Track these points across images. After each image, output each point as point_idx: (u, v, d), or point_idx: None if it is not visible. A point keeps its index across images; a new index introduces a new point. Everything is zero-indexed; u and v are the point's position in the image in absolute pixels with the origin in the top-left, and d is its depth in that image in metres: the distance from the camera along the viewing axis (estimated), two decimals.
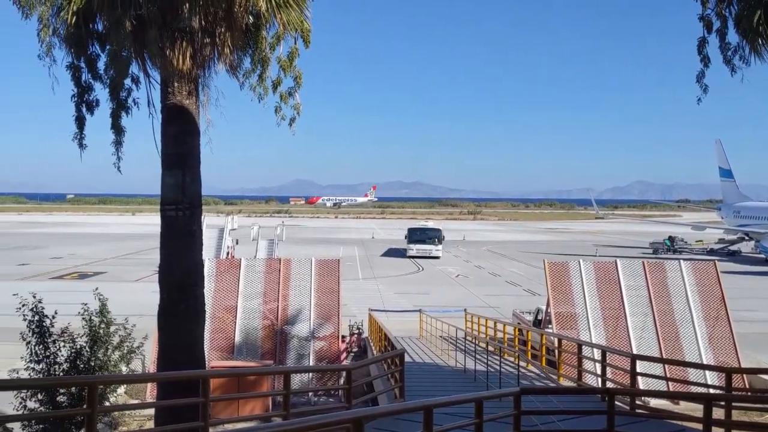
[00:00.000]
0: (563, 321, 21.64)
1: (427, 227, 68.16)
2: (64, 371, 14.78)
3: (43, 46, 11.01)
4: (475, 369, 17.26)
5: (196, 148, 11.83)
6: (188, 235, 11.79)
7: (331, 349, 22.56)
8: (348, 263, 48.54)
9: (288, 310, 22.80)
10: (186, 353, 11.68)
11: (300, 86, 12.39)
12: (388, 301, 36.49)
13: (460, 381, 17.34)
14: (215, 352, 21.24)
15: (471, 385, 16.36)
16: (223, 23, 11.04)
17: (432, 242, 62.90)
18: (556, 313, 21.71)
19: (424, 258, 60.34)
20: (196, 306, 11.92)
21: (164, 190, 11.69)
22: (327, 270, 23.79)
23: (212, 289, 21.89)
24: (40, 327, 14.70)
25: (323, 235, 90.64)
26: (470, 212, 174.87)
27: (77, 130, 12.14)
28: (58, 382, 14.08)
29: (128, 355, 16.38)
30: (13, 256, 57.91)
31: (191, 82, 11.55)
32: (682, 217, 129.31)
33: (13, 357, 18.69)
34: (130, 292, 35.36)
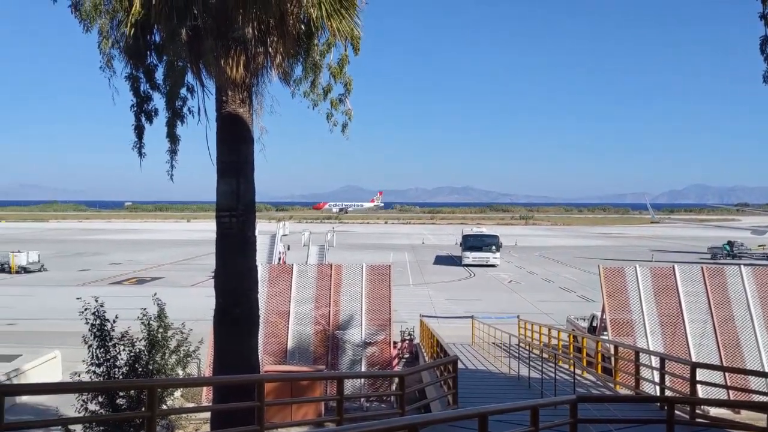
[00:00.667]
0: (619, 328, 21.17)
1: (483, 233, 65.81)
2: (123, 374, 15.10)
3: (103, 57, 11.34)
4: (529, 376, 17.02)
5: (250, 156, 11.99)
6: (242, 241, 11.95)
7: (382, 355, 22.56)
8: (398, 269, 48.55)
9: (339, 315, 22.91)
10: (241, 357, 11.82)
11: (350, 92, 12.49)
12: (440, 308, 36.35)
13: (514, 388, 17.11)
14: (268, 356, 21.47)
15: (525, 392, 16.12)
16: (275, 32, 11.18)
17: (489, 249, 60.53)
18: (612, 320, 21.26)
19: (481, 266, 58.61)
20: (251, 311, 12.07)
21: (219, 197, 11.89)
22: (378, 276, 23.82)
23: (265, 294, 22.13)
24: (101, 331, 15.06)
25: (373, 240, 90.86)
26: (522, 217, 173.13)
27: (136, 139, 12.44)
28: (120, 384, 14.40)
29: (185, 359, 16.66)
30: (75, 262, 59.76)
31: (245, 91, 11.72)
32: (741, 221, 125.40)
33: (74, 360, 19.31)
34: (186, 296, 36.08)
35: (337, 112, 12.52)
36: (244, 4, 10.28)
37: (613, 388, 17.27)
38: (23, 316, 33.64)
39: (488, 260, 59.82)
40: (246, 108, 11.80)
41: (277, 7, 10.56)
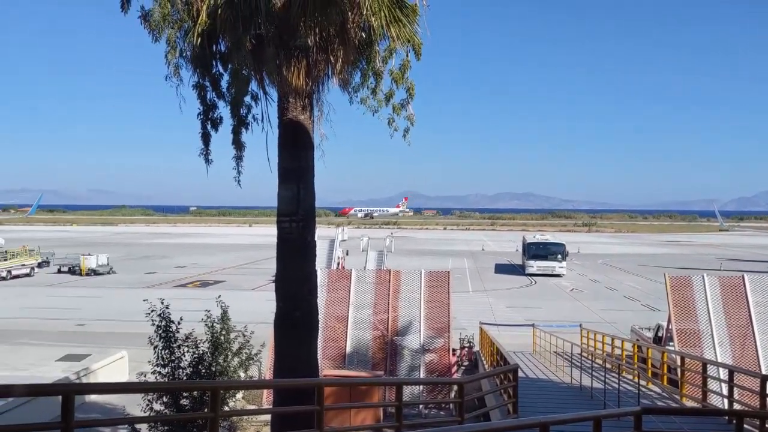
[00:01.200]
0: (686, 338, 20.52)
1: (549, 241, 62.36)
2: (187, 375, 15.42)
3: (170, 67, 11.65)
4: (592, 386, 16.66)
5: (310, 162, 12.14)
6: (303, 246, 12.09)
7: (441, 362, 22.45)
8: (457, 275, 48.29)
9: (398, 321, 22.91)
10: (300, 361, 11.95)
11: (413, 97, 12.51)
12: (500, 315, 35.97)
13: (575, 398, 16.77)
14: (327, 361, 21.63)
15: (587, 402, 15.79)
16: (336, 40, 11.30)
17: (554, 258, 57.54)
18: (678, 330, 20.62)
19: (546, 276, 56.15)
20: (310, 315, 12.19)
21: (280, 202, 12.07)
22: (437, 282, 23.73)
23: (324, 299, 22.32)
24: (166, 332, 15.43)
25: (432, 246, 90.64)
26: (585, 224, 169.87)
27: (203, 146, 12.73)
28: (184, 385, 14.72)
29: (246, 362, 16.91)
30: (142, 265, 61.57)
31: (306, 98, 11.88)
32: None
33: (141, 360, 19.87)
34: (247, 300, 36.69)
35: (398, 117, 12.57)
36: (306, 13, 10.43)
37: (680, 400, 16.74)
38: (92, 317, 34.81)
39: (553, 269, 56.99)
40: (307, 115, 11.96)
41: (339, 16, 10.68)
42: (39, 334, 30.01)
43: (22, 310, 36.89)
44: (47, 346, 27.14)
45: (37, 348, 26.67)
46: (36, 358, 24.19)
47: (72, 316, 34.84)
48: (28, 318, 34.09)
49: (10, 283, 48.36)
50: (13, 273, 51.24)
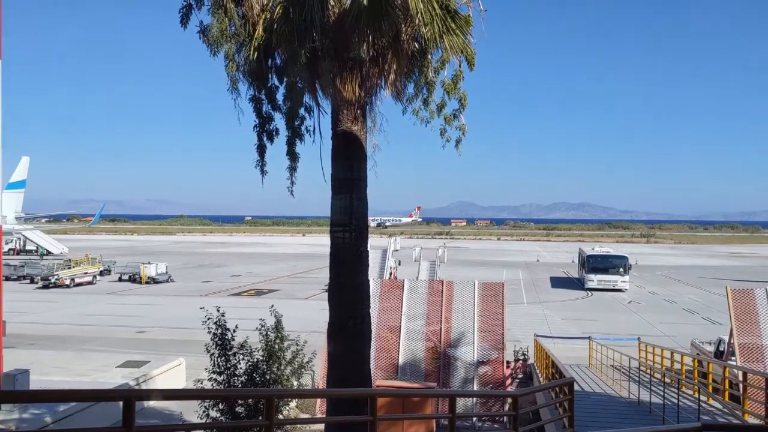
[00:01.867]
0: (748, 353, 19.83)
1: (610, 254, 59.17)
2: (242, 383, 15.64)
3: (229, 80, 11.92)
4: (650, 401, 16.25)
5: (363, 172, 12.22)
6: (355, 256, 12.17)
7: (495, 374, 22.20)
8: (512, 287, 47.76)
9: (451, 332, 22.76)
10: (353, 371, 12.00)
11: (465, 108, 12.51)
12: (555, 327, 35.42)
13: (633, 413, 16.38)
14: (380, 371, 21.63)
15: (645, 418, 15.41)
16: (389, 51, 11.40)
17: (617, 272, 54.17)
18: (741, 345, 19.94)
19: (607, 291, 53.00)
20: (363, 325, 12.25)
21: (333, 212, 12.18)
22: (491, 293, 23.51)
23: (377, 309, 22.33)
24: (222, 340, 15.69)
25: (485, 257, 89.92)
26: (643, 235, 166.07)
27: (258, 158, 12.96)
28: (240, 393, 14.91)
29: (299, 370, 17.05)
30: (199, 274, 62.85)
31: (359, 109, 11.99)
32: None
33: (197, 368, 20.24)
34: (301, 309, 37.07)
35: (450, 127, 12.58)
36: (360, 26, 10.55)
37: (741, 417, 16.16)
38: (151, 324, 35.65)
39: (615, 284, 53.59)
40: (359, 126, 12.06)
41: (392, 27, 10.76)
42: (101, 340, 30.90)
43: (85, 317, 38.06)
44: (109, 352, 27.92)
45: (99, 354, 27.46)
46: (98, 364, 24.90)
47: (132, 323, 35.75)
48: (91, 325, 35.13)
49: (74, 291, 49.96)
50: (77, 281, 52.93)
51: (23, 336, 29.67)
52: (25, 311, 37.58)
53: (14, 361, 21.39)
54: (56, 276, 52.08)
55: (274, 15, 11.18)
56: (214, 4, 11.34)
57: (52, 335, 31.80)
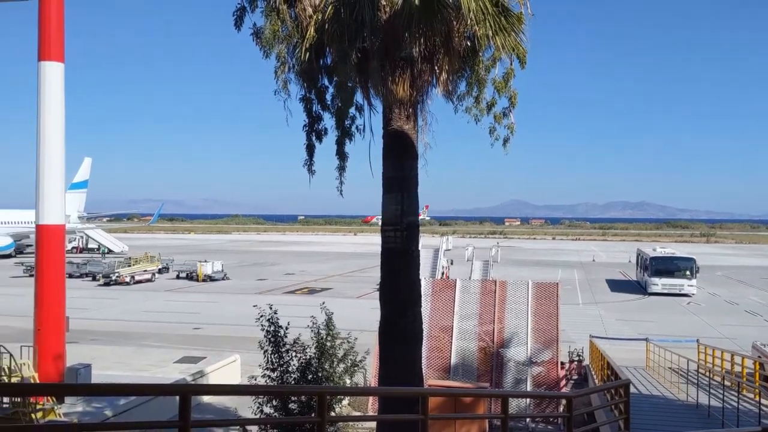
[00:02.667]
0: None
1: (676, 255, 54.87)
2: (295, 380, 15.82)
3: (279, 82, 12.07)
4: (709, 404, 15.82)
5: (414, 171, 12.22)
6: (406, 255, 12.17)
7: (549, 375, 21.92)
8: (567, 287, 47.07)
9: (504, 332, 22.57)
10: (405, 370, 12.01)
11: (515, 106, 12.39)
12: (611, 328, 34.74)
13: (691, 417, 15.98)
14: (432, 371, 21.59)
15: (703, 421, 15.02)
16: (441, 50, 11.37)
17: (683, 275, 50.05)
18: None
19: (672, 295, 49.17)
20: (414, 324, 12.25)
21: (384, 212, 12.22)
22: (545, 293, 23.23)
23: (428, 308, 22.31)
24: (275, 337, 15.90)
25: (540, 257, 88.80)
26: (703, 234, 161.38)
27: (307, 157, 13.09)
28: (292, 390, 15.10)
29: (351, 368, 17.15)
30: (254, 272, 63.83)
31: (410, 108, 11.98)
32: None
33: (252, 364, 20.56)
34: (353, 307, 37.25)
35: (500, 126, 12.47)
36: (411, 25, 10.55)
37: None
38: (208, 321, 36.37)
39: (682, 288, 49.42)
40: (411, 124, 12.06)
41: (443, 26, 10.74)
42: (159, 336, 31.68)
43: (145, 313, 39.10)
44: (166, 348, 28.60)
45: (157, 350, 28.16)
46: (156, 360, 25.54)
47: (189, 320, 36.55)
48: (150, 321, 36.07)
49: (134, 288, 51.35)
50: (137, 278, 54.36)
51: (86, 331, 30.62)
52: (87, 308, 38.81)
53: (77, 356, 22.11)
54: (117, 273, 53.59)
55: (325, 16, 11.29)
56: (267, 7, 11.52)
57: (113, 331, 32.76)
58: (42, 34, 19.77)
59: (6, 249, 74.76)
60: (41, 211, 20.04)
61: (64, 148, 20.54)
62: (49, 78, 19.79)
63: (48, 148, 19.96)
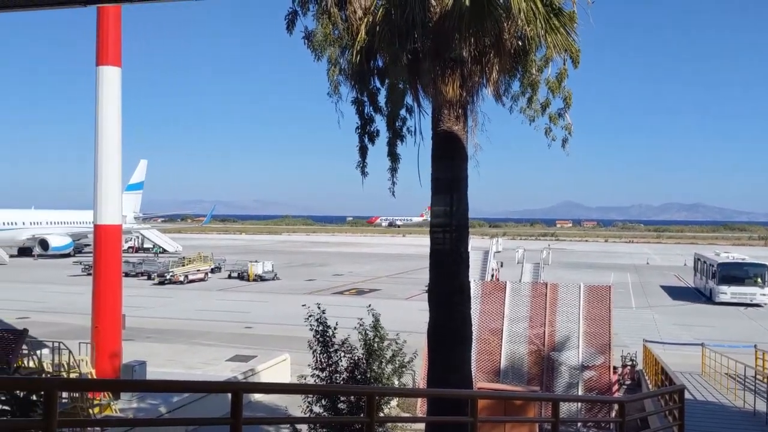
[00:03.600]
0: None
1: (746, 261, 49.31)
2: (344, 380, 15.90)
3: (331, 84, 12.18)
4: (767, 412, 15.35)
5: (464, 173, 12.17)
6: (455, 257, 12.12)
7: (601, 380, 21.55)
8: (620, 290, 46.11)
9: (555, 336, 22.28)
10: (454, 372, 11.96)
11: (569, 106, 12.24)
12: (665, 333, 33.94)
13: (748, 423, 15.54)
14: (481, 373, 21.45)
15: (760, 429, 14.62)
16: (491, 50, 11.30)
17: (754, 283, 45.41)
18: None
19: (742, 305, 44.93)
20: (464, 326, 12.19)
21: (433, 213, 12.20)
22: (597, 296, 22.85)
23: (478, 310, 22.17)
24: (324, 337, 16.01)
25: (592, 259, 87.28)
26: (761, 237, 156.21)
27: (360, 159, 13.17)
28: (341, 389, 15.19)
29: (400, 370, 17.15)
30: (303, 272, 64.44)
31: (460, 108, 11.94)
32: None
33: (301, 363, 20.76)
34: (401, 309, 37.26)
35: (555, 127, 12.34)
36: (461, 26, 10.52)
37: None
38: (258, 320, 36.86)
39: (753, 298, 44.83)
40: (461, 125, 12.02)
41: (494, 26, 10.67)
42: (211, 335, 32.25)
43: (198, 312, 39.86)
44: (218, 346, 29.08)
45: (209, 348, 28.65)
46: (208, 358, 25.98)
47: (240, 319, 37.10)
48: (202, 320, 36.76)
49: (188, 287, 52.38)
50: (190, 278, 55.43)
51: (141, 329, 31.39)
52: (142, 306, 39.78)
53: (132, 353, 22.65)
54: (171, 273, 54.76)
55: (376, 18, 11.34)
56: (319, 10, 11.62)
57: (167, 329, 33.48)
58: (100, 39, 20.38)
59: (65, 248, 77.12)
60: (99, 211, 20.64)
61: (120, 150, 21.12)
62: (106, 82, 20.38)
63: (106, 150, 20.55)
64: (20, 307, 38.63)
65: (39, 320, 33.47)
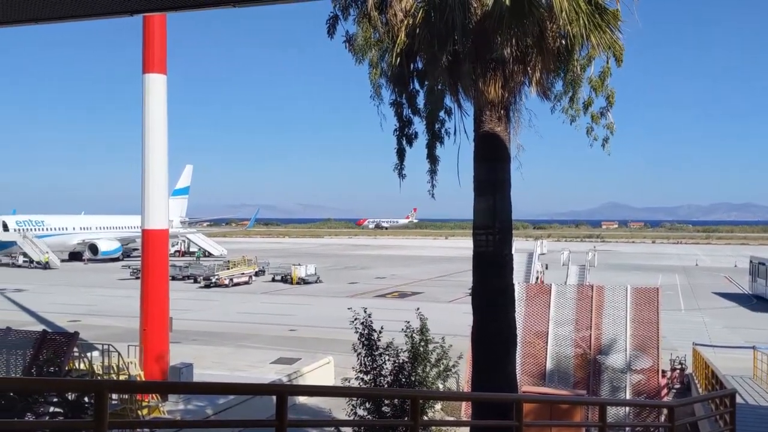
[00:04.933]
0: None
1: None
2: (388, 383, 15.87)
3: (372, 87, 12.22)
4: None
5: (507, 174, 12.06)
6: (499, 259, 12.02)
7: (649, 384, 21.11)
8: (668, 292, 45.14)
9: (601, 339, 21.91)
10: (498, 375, 11.86)
11: (612, 105, 12.04)
12: (716, 336, 33.13)
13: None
14: (526, 377, 21.21)
15: None
16: (533, 50, 11.18)
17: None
18: None
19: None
20: (508, 329, 12.08)
21: (476, 215, 12.11)
22: (644, 299, 22.40)
23: (522, 313, 21.93)
24: (368, 340, 16.02)
25: (639, 261, 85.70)
26: None
27: (398, 161, 13.18)
28: (386, 393, 15.16)
29: (445, 373, 17.06)
30: (345, 275, 64.72)
31: (502, 109, 11.85)
32: None
33: (345, 366, 20.83)
34: (444, 312, 37.08)
35: (597, 126, 12.15)
36: (502, 26, 10.43)
37: None
38: (302, 323, 37.13)
39: None
40: (503, 126, 11.92)
41: (535, 26, 10.56)
42: (256, 337, 32.60)
43: (243, 315, 40.35)
44: (263, 349, 29.40)
45: (254, 350, 28.98)
46: (253, 360, 26.28)
47: (284, 321, 37.43)
48: (247, 322, 37.18)
49: (232, 290, 53.08)
50: (235, 281, 56.19)
51: (187, 332, 31.89)
52: (188, 309, 40.42)
53: (179, 355, 23.03)
54: (216, 276, 55.60)
55: (416, 20, 11.33)
56: (359, 14, 11.67)
57: (212, 332, 33.97)
58: (146, 48, 20.83)
59: (114, 253, 78.95)
60: (147, 216, 21.06)
61: (167, 155, 21.53)
62: (152, 89, 20.82)
63: (153, 156, 20.98)
64: (71, 310, 39.69)
65: (89, 323, 34.27)
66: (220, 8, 5.67)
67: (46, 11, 5.37)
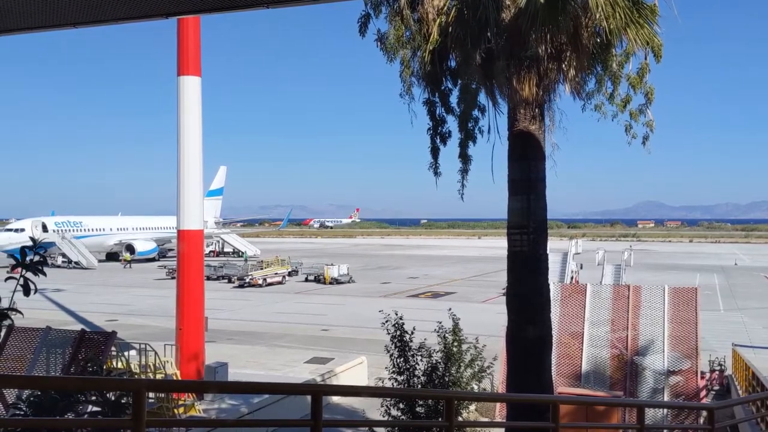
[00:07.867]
0: None
1: None
2: (421, 384, 15.83)
3: (404, 85, 12.19)
4: None
5: (542, 173, 11.93)
6: (534, 259, 11.89)
7: (688, 385, 20.71)
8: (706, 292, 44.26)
9: (638, 340, 21.57)
10: (534, 376, 11.74)
11: (651, 102, 11.85)
12: (756, 336, 32.39)
13: None
14: (562, 378, 20.97)
15: None
16: (568, 47, 11.03)
17: None
18: None
19: None
20: (543, 330, 11.94)
21: (510, 214, 11.99)
22: (682, 299, 21.98)
23: (557, 314, 21.67)
24: (401, 341, 15.99)
25: (676, 260, 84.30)
26: None
27: (432, 160, 13.13)
28: (419, 393, 15.12)
29: (479, 374, 16.96)
30: (378, 275, 64.75)
31: (536, 107, 11.72)
32: None
33: (378, 366, 20.82)
34: (478, 312, 36.88)
35: (636, 123, 11.96)
36: (536, 23, 10.31)
37: None
38: (335, 323, 37.22)
39: None
40: (537, 125, 11.79)
41: (570, 22, 10.41)
42: (289, 337, 32.77)
43: (276, 314, 40.60)
44: (296, 348, 29.54)
45: (288, 350, 29.14)
46: (287, 360, 26.43)
47: (317, 321, 37.55)
48: (281, 322, 37.40)
49: (266, 290, 53.46)
50: (268, 281, 56.56)
51: (222, 331, 32.19)
52: (223, 308, 40.79)
53: (214, 354, 23.25)
54: (250, 276, 56.05)
55: (449, 18, 11.26)
56: (391, 12, 11.65)
57: (247, 331, 34.23)
58: (181, 50, 21.05)
59: (151, 253, 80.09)
60: (182, 217, 21.30)
61: (201, 157, 21.74)
62: (187, 91, 21.03)
63: (188, 157, 21.20)
64: (109, 310, 40.36)
65: (126, 323, 34.79)
66: (253, 10, 5.68)
67: (84, 15, 5.45)
